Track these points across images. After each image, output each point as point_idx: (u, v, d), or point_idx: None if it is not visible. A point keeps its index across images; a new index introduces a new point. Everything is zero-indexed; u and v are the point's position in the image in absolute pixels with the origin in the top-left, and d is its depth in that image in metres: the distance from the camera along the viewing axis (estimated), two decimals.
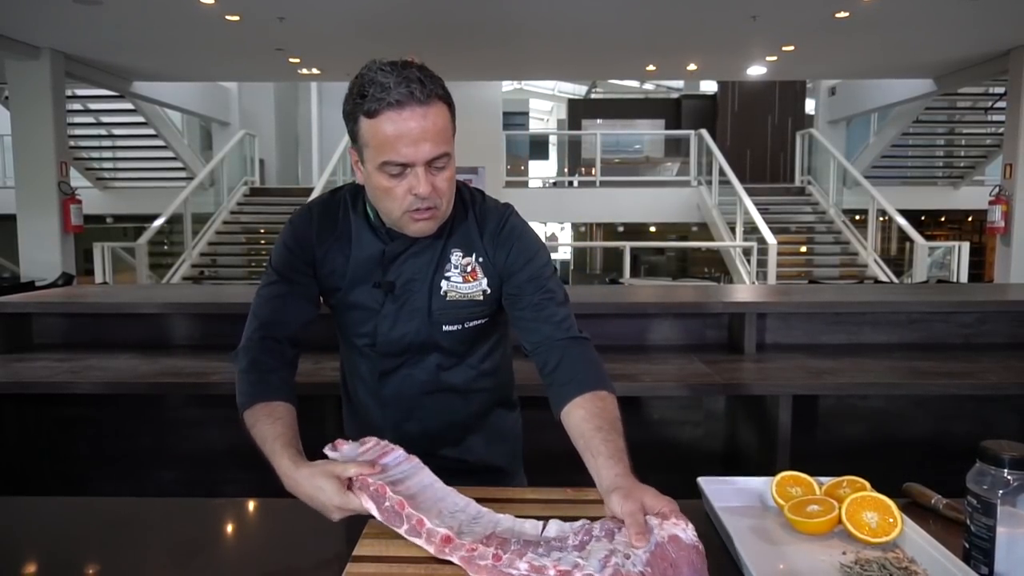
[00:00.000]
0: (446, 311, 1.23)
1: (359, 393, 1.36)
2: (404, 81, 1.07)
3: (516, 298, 1.24)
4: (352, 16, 6.22)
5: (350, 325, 1.29)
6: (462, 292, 1.23)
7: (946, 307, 2.68)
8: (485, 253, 1.24)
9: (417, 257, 1.23)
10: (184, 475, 2.51)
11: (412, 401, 1.30)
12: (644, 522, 0.89)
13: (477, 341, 1.30)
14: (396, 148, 1.08)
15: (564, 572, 0.84)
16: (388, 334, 1.25)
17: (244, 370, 1.21)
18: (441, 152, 1.11)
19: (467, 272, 1.23)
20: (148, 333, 2.68)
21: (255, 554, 1.05)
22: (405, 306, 1.23)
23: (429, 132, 1.09)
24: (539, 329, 1.22)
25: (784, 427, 2.14)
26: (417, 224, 1.16)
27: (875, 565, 0.92)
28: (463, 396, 1.32)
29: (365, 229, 1.24)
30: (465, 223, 1.25)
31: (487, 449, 1.37)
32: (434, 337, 1.25)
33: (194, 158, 11.14)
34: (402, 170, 1.10)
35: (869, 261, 8.98)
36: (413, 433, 1.30)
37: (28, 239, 7.28)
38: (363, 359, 1.31)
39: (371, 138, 1.10)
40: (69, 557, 1.00)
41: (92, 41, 6.93)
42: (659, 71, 8.98)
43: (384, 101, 1.07)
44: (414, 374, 1.29)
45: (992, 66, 7.61)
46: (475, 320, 1.25)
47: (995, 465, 0.88)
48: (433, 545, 0.91)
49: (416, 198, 1.12)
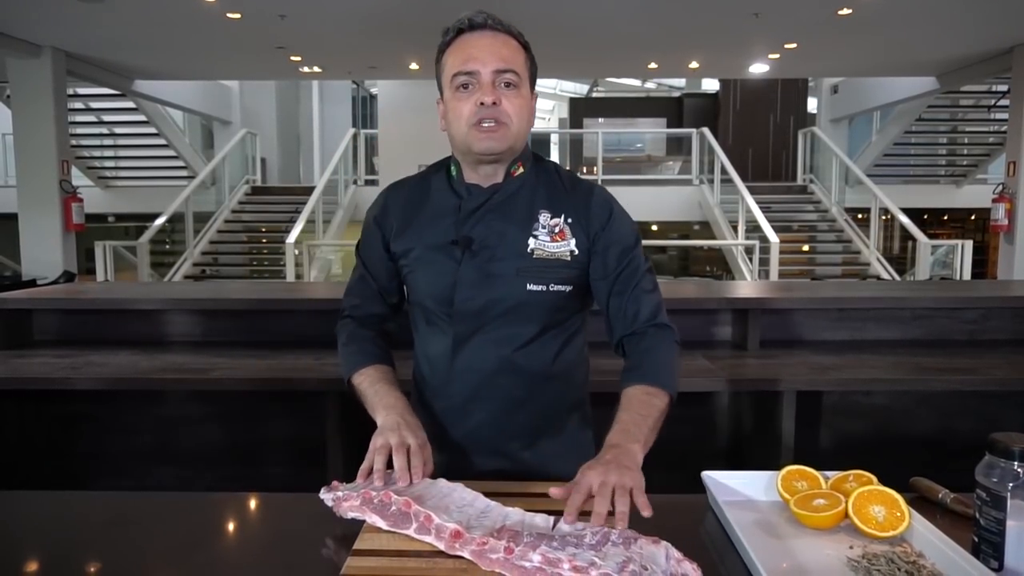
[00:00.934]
0: (532, 269, 1.21)
1: (427, 379, 1.31)
2: (482, 14, 1.19)
3: (604, 270, 1.24)
4: (353, 14, 6.21)
5: (426, 289, 1.26)
6: (550, 251, 1.22)
7: (950, 303, 2.66)
8: (576, 215, 1.24)
9: (501, 213, 1.23)
10: (184, 471, 2.50)
11: (484, 379, 1.25)
12: (577, 500, 0.94)
13: (556, 319, 1.25)
14: (465, 59, 1.17)
15: (580, 567, 0.82)
16: (468, 292, 1.21)
17: (344, 343, 1.34)
18: (509, 67, 1.17)
19: (555, 232, 1.23)
20: (148, 329, 2.67)
21: (255, 549, 1.04)
22: (490, 263, 1.21)
23: (498, 49, 1.17)
24: (624, 307, 1.24)
25: (788, 423, 2.13)
26: (483, 139, 1.17)
27: (883, 559, 0.90)
28: (537, 384, 1.26)
29: (444, 187, 1.28)
30: (552, 186, 1.27)
31: (563, 461, 1.21)
32: (517, 297, 1.21)
33: (195, 157, 11.14)
34: (469, 80, 1.17)
35: (872, 260, 8.96)
36: (481, 418, 1.26)
37: (29, 238, 7.28)
38: (437, 335, 1.27)
39: (447, 62, 1.20)
40: (68, 552, 1.00)
41: (94, 39, 6.92)
42: (661, 69, 8.95)
43: (459, 27, 1.19)
44: (489, 344, 1.23)
45: (995, 64, 7.58)
46: (560, 285, 1.22)
47: (1005, 458, 0.87)
48: (443, 541, 0.90)
49: (481, 108, 1.16)
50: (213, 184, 10.41)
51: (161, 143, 10.62)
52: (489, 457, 1.28)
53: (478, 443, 1.28)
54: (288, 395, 2.40)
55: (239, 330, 2.66)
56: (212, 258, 9.65)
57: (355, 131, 11.31)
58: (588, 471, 0.99)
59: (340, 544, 0.96)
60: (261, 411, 2.47)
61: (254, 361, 2.31)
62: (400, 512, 0.96)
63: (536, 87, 1.28)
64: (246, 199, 10.85)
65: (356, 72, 10.16)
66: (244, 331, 2.65)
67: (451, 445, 1.28)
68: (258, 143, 11.58)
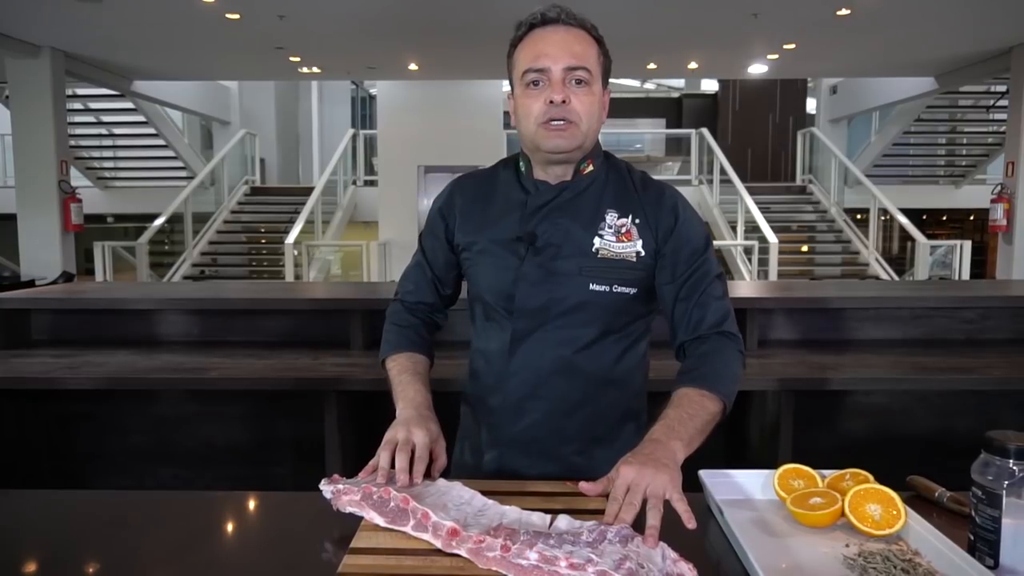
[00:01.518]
0: (596, 269, 1.18)
1: (482, 375, 1.29)
2: (555, 8, 1.18)
3: (671, 274, 1.21)
4: (352, 14, 6.21)
5: (487, 284, 1.24)
6: (615, 251, 1.19)
7: (949, 303, 2.67)
8: (644, 216, 1.22)
9: (566, 211, 1.21)
10: (183, 471, 2.50)
11: (540, 378, 1.22)
12: (615, 509, 0.94)
13: (618, 322, 1.22)
14: (535, 56, 1.16)
15: (577, 565, 0.82)
16: (529, 289, 1.19)
17: (388, 324, 1.35)
18: (580, 64, 1.15)
19: (621, 232, 1.20)
20: (146, 330, 2.67)
21: (252, 547, 1.04)
22: (553, 261, 1.19)
23: (570, 45, 1.15)
24: (689, 312, 1.21)
25: (786, 423, 2.13)
26: (551, 137, 1.16)
27: (879, 557, 0.90)
28: (594, 389, 1.23)
29: (512, 181, 1.27)
30: (622, 185, 1.25)
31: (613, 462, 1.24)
32: (579, 297, 1.19)
33: (195, 157, 11.14)
34: (539, 77, 1.15)
35: (871, 260, 8.97)
36: (536, 418, 1.23)
37: (28, 238, 7.27)
38: (495, 330, 1.25)
39: (519, 57, 1.18)
40: (67, 550, 0.99)
41: (92, 40, 6.92)
42: (660, 69, 8.95)
43: (532, 22, 1.18)
44: (548, 343, 1.21)
45: (993, 64, 7.59)
46: (624, 286, 1.19)
47: (1001, 455, 0.87)
48: (440, 539, 0.90)
49: (551, 106, 1.14)
50: (212, 184, 10.41)
51: (160, 143, 10.62)
52: (540, 460, 1.25)
53: (530, 444, 1.25)
54: (287, 395, 2.40)
55: (237, 330, 2.66)
56: (211, 258, 9.65)
57: (354, 132, 11.31)
58: (623, 466, 0.98)
59: (337, 542, 0.96)
60: (260, 411, 2.48)
61: (253, 361, 2.31)
62: (398, 509, 0.96)
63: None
64: (245, 199, 10.85)
65: (355, 72, 10.16)
66: (243, 331, 2.65)
67: (503, 443, 1.26)
68: (257, 143, 11.59)
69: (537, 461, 1.25)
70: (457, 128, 9.63)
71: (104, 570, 0.95)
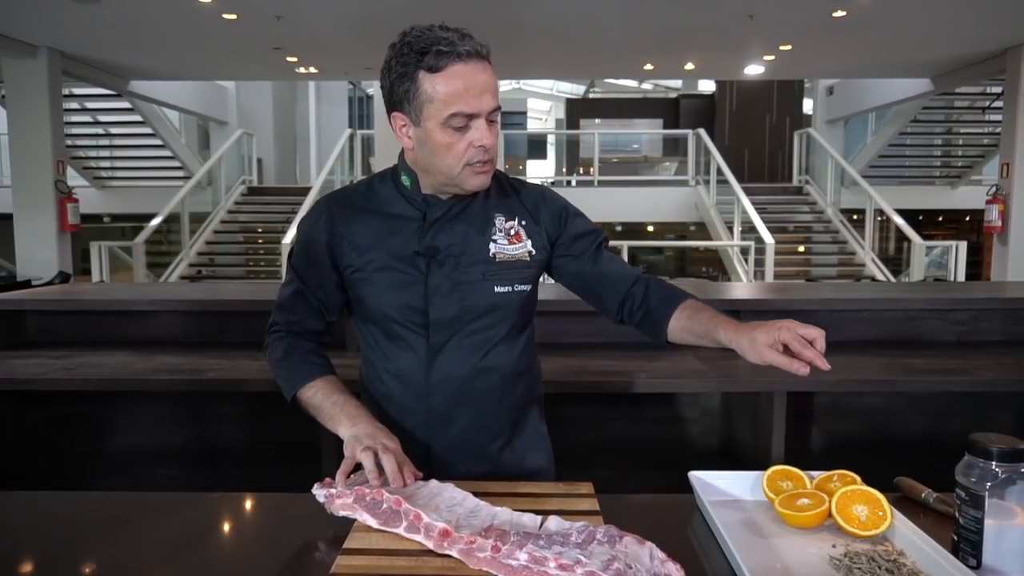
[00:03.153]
0: (498, 272, 1.24)
1: (395, 396, 1.28)
2: (464, 38, 1.14)
3: (575, 256, 1.31)
4: (350, 15, 6.22)
5: (391, 301, 1.24)
6: (509, 253, 1.26)
7: (941, 304, 2.68)
8: (529, 217, 1.30)
9: (460, 222, 1.25)
10: (179, 471, 2.51)
11: (463, 384, 1.26)
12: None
13: (519, 318, 1.29)
14: (465, 99, 1.12)
15: (566, 566, 0.83)
16: (442, 302, 1.22)
17: (280, 358, 1.30)
18: (497, 106, 1.17)
19: (511, 235, 1.27)
20: (143, 330, 2.68)
21: (246, 548, 1.05)
22: (456, 270, 1.23)
23: (491, 85, 1.15)
24: (608, 276, 1.31)
25: (779, 424, 2.14)
26: (478, 177, 1.19)
27: (864, 558, 0.92)
28: (508, 383, 1.30)
29: (398, 199, 1.27)
30: (502, 191, 1.31)
31: (533, 455, 1.36)
32: (488, 301, 1.24)
33: (192, 157, 11.13)
34: (466, 122, 1.14)
35: (867, 260, 8.99)
36: (464, 423, 1.27)
37: (25, 238, 7.27)
38: (403, 348, 1.25)
39: (436, 92, 1.13)
40: (62, 552, 1.00)
41: (89, 40, 6.92)
42: (657, 70, 8.98)
43: (452, 54, 1.12)
44: (464, 350, 1.25)
45: (989, 65, 7.61)
46: (522, 285, 1.27)
47: (984, 458, 0.88)
48: (432, 540, 0.91)
49: (479, 150, 1.16)
50: (209, 184, 10.40)
51: (157, 143, 10.61)
52: (472, 461, 1.28)
53: (461, 448, 1.28)
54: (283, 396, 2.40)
55: (234, 331, 2.66)
56: (208, 259, 9.64)
57: (351, 131, 11.31)
58: (770, 332, 1.09)
59: (331, 543, 0.97)
60: (256, 412, 2.48)
61: (250, 362, 2.32)
62: (391, 510, 0.97)
63: (533, 87, 1.29)
64: (242, 199, 10.84)
65: (353, 73, 10.16)
66: (239, 332, 2.66)
67: (434, 456, 1.28)
68: (254, 143, 11.58)
69: (470, 464, 1.28)
70: None
71: (99, 571, 0.96)
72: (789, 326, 1.07)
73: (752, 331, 1.10)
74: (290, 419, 2.45)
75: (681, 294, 1.28)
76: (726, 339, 1.15)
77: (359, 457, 1.08)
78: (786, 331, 1.07)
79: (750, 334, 1.10)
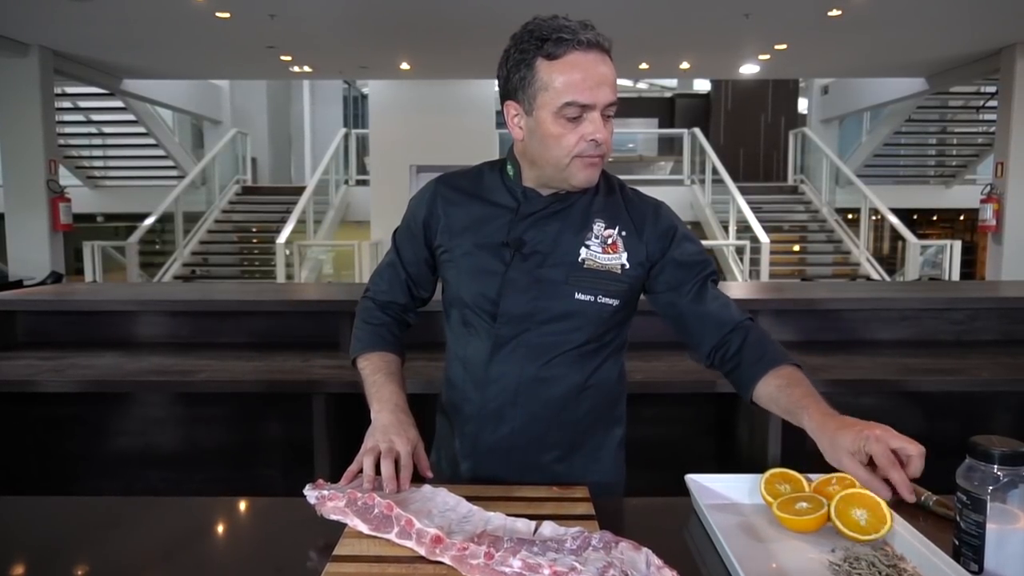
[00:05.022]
0: (582, 278, 1.18)
1: (459, 383, 1.26)
2: (587, 28, 1.10)
3: (673, 287, 1.22)
4: (344, 13, 6.19)
5: (469, 287, 1.21)
6: (601, 262, 1.19)
7: (938, 304, 2.67)
8: (633, 229, 1.22)
9: (554, 220, 1.20)
10: (171, 473, 2.48)
11: (521, 385, 1.21)
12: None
13: (599, 331, 1.22)
14: (581, 89, 1.08)
15: (560, 573, 0.82)
16: (516, 296, 1.18)
17: (359, 322, 1.33)
18: (615, 99, 1.12)
19: (607, 244, 1.20)
20: (134, 331, 2.65)
21: (236, 554, 1.03)
22: (539, 267, 1.18)
23: (609, 78, 1.11)
24: (707, 317, 1.21)
25: (776, 425, 2.13)
26: (587, 170, 1.14)
27: (864, 562, 0.90)
28: (574, 396, 1.23)
29: (500, 188, 1.24)
30: (610, 196, 1.24)
31: (596, 477, 1.25)
32: (564, 306, 1.18)
33: (185, 156, 11.08)
34: (580, 113, 1.10)
35: (862, 260, 9.00)
36: (515, 425, 1.22)
37: (16, 238, 7.21)
38: (474, 336, 1.23)
39: (552, 80, 1.09)
40: (52, 556, 0.98)
41: (82, 38, 6.87)
42: (652, 69, 8.96)
43: (572, 42, 1.08)
44: (529, 350, 1.20)
45: (983, 65, 7.63)
46: (607, 298, 1.19)
47: (985, 461, 0.87)
48: (424, 546, 0.90)
49: (590, 144, 1.12)
50: (203, 184, 10.36)
51: (150, 143, 10.54)
52: (519, 469, 1.23)
53: (510, 451, 1.23)
54: (276, 397, 2.38)
55: (226, 332, 2.64)
56: (202, 258, 9.60)
57: (346, 131, 11.27)
58: (858, 436, 0.93)
59: (321, 549, 0.95)
60: (249, 413, 2.46)
61: (241, 363, 2.30)
62: (382, 515, 0.95)
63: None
64: (236, 199, 10.80)
65: (347, 72, 10.12)
66: (231, 333, 2.64)
67: (481, 452, 1.25)
68: (249, 143, 11.53)
69: (517, 469, 1.23)
70: (449, 127, 9.61)
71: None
72: (881, 436, 0.92)
73: (837, 431, 0.97)
74: (283, 420, 2.44)
75: (778, 357, 1.16)
76: (808, 428, 1.03)
77: (360, 459, 1.08)
78: (876, 442, 0.91)
79: (834, 434, 0.96)
